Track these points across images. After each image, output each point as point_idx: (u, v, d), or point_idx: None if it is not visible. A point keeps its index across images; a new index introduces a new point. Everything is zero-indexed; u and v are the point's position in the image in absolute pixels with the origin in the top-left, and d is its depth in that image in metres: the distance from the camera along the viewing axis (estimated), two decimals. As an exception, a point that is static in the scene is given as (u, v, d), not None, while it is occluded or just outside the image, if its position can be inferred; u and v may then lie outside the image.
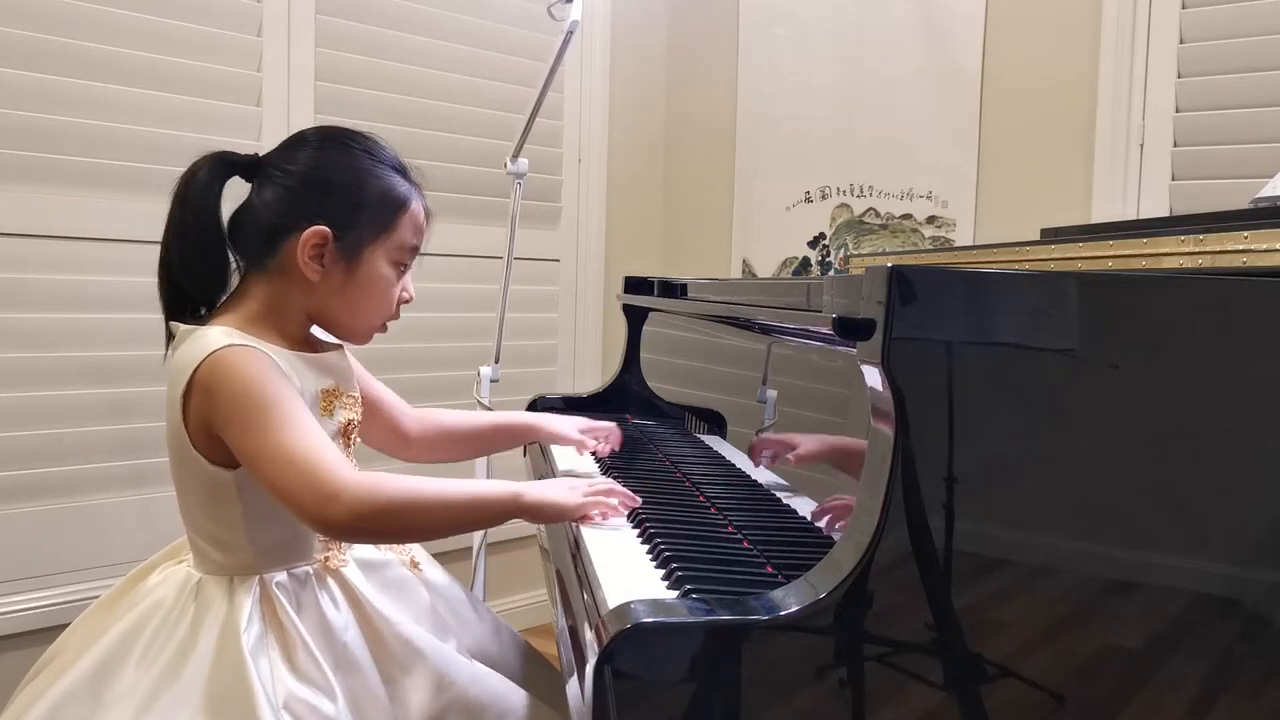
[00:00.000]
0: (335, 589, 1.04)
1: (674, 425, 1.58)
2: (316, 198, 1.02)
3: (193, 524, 1.02)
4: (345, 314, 1.07)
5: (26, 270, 1.71)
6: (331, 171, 1.04)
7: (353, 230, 1.03)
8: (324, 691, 0.95)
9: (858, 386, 0.74)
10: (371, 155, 1.06)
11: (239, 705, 0.91)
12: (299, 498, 0.91)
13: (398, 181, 1.06)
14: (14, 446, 1.71)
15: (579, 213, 2.61)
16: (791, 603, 0.67)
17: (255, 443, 0.93)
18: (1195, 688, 0.75)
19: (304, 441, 0.93)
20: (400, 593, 1.10)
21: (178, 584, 1.00)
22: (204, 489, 0.99)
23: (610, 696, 0.64)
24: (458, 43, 2.29)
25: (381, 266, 1.06)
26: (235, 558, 1.00)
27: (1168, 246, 0.91)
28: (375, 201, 1.04)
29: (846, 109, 2.43)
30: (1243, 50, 1.84)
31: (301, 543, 1.03)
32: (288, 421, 0.93)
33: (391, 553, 1.14)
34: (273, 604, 0.98)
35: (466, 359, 2.17)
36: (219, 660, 0.94)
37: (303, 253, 1.01)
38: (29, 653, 1.64)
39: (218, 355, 0.95)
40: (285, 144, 1.07)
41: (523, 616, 2.42)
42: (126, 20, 1.79)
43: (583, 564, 0.89)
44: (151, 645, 0.96)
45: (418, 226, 1.08)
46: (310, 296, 1.04)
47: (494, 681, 1.09)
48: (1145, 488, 0.75)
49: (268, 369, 0.96)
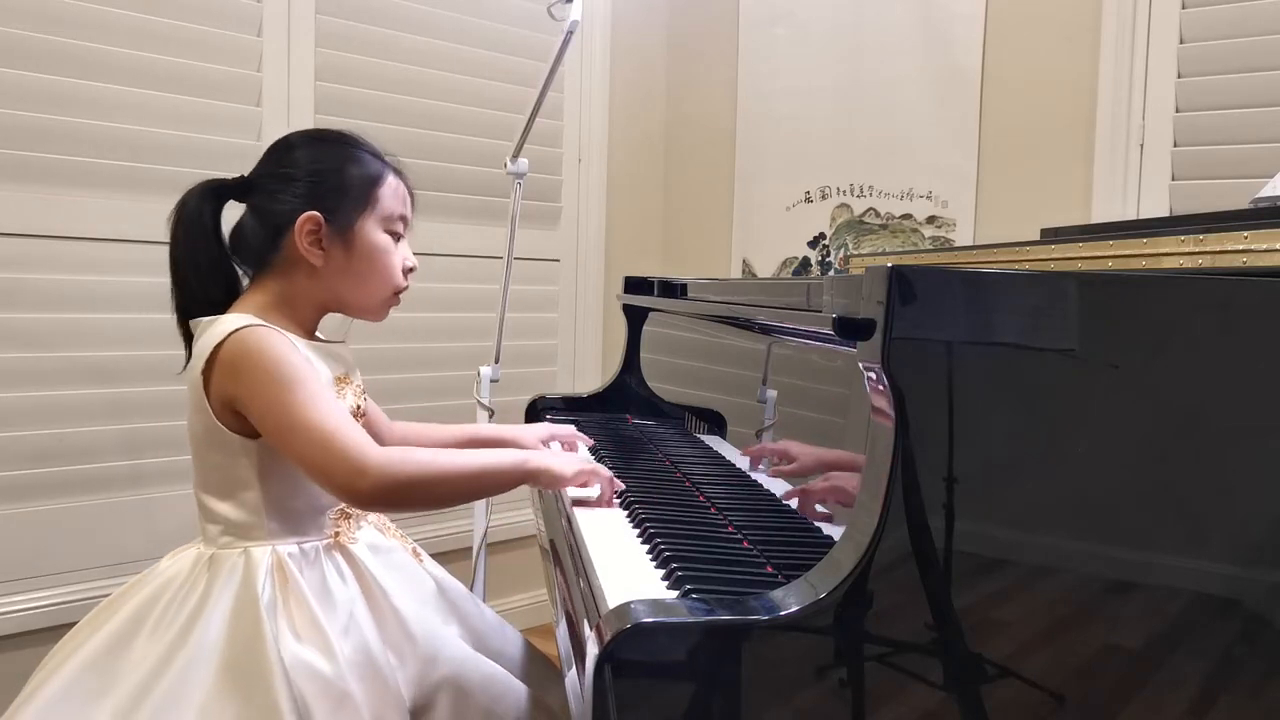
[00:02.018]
0: (342, 562, 1.08)
1: (674, 425, 1.58)
2: (304, 190, 1.09)
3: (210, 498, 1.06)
4: (355, 290, 1.13)
5: (26, 270, 1.71)
6: (313, 164, 1.10)
7: (341, 210, 1.10)
8: (323, 653, 0.98)
9: (858, 386, 0.74)
10: (345, 143, 1.14)
11: (255, 665, 0.95)
12: (329, 472, 0.97)
13: (371, 160, 1.13)
14: (14, 446, 1.71)
15: (579, 213, 2.61)
16: (791, 603, 0.67)
17: (284, 419, 0.98)
18: (1195, 688, 0.75)
19: (331, 418, 0.99)
20: (404, 575, 1.14)
21: (189, 561, 1.05)
22: (224, 462, 1.04)
23: (610, 696, 0.64)
24: (458, 43, 2.29)
25: (376, 236, 1.12)
26: (250, 530, 1.04)
27: (1168, 246, 0.91)
28: (356, 181, 1.11)
29: (846, 109, 2.43)
30: (1243, 50, 1.84)
31: (315, 516, 1.08)
32: (313, 399, 0.99)
33: (395, 540, 1.18)
34: (284, 571, 1.03)
35: (466, 359, 2.17)
36: (235, 622, 0.98)
37: (301, 240, 1.07)
38: (29, 653, 1.65)
39: (239, 334, 1.01)
40: (267, 155, 1.14)
41: (523, 616, 2.42)
42: (126, 20, 1.80)
43: (582, 564, 0.89)
44: (164, 617, 1.00)
45: (400, 196, 1.15)
46: (319, 283, 1.11)
47: (488, 668, 1.11)
48: (1145, 488, 0.75)
49: (288, 348, 1.02)
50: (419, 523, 2.19)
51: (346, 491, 0.99)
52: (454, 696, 1.06)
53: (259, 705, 0.93)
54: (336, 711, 0.96)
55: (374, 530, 1.16)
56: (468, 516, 1.98)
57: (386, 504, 1.05)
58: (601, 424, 1.62)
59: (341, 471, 0.97)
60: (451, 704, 1.05)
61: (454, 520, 2.27)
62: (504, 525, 2.33)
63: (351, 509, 1.12)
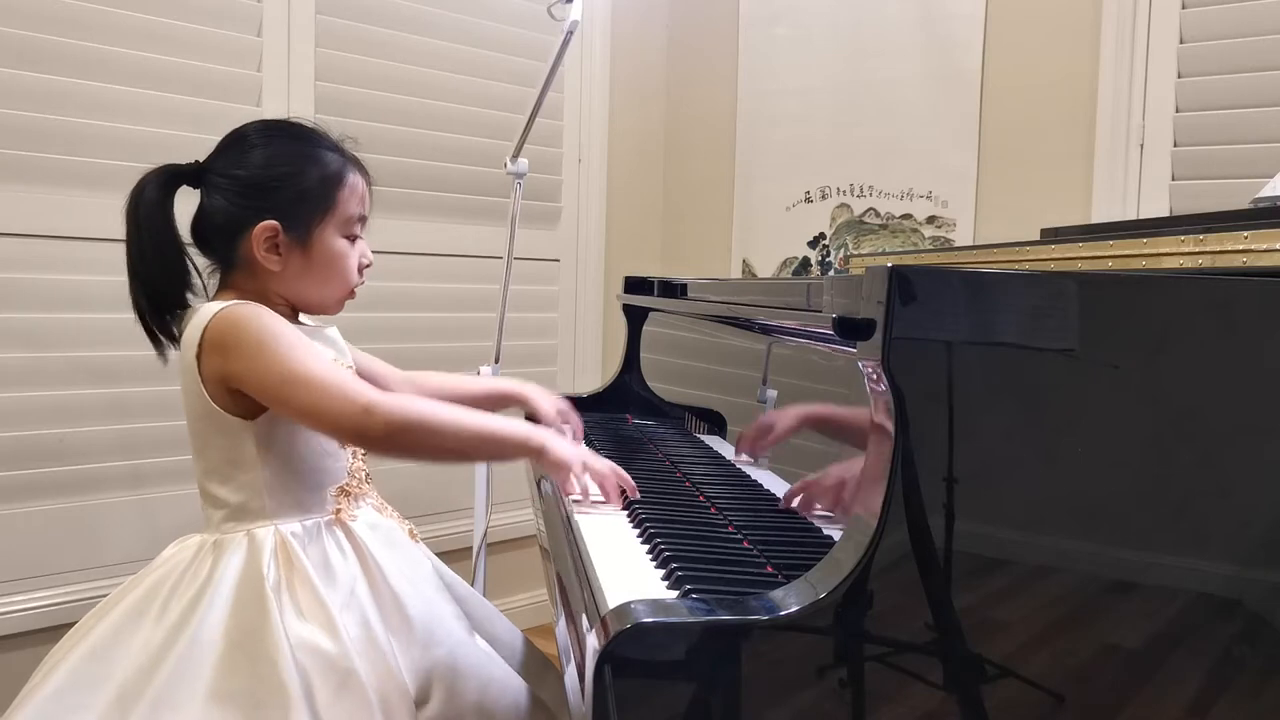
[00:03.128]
0: (343, 538, 1.09)
1: (674, 425, 1.58)
2: (260, 195, 1.08)
3: (212, 484, 1.07)
4: (313, 292, 1.14)
5: (26, 270, 1.71)
6: (269, 167, 1.10)
7: (298, 217, 1.09)
8: (326, 630, 0.99)
9: (857, 386, 0.74)
10: (305, 140, 1.13)
11: (262, 645, 0.95)
12: (336, 414, 0.99)
13: (331, 159, 1.12)
14: (14, 446, 1.71)
15: (579, 213, 2.61)
16: (791, 602, 0.67)
17: (282, 374, 1.00)
18: (1195, 688, 0.75)
19: (327, 366, 1.02)
20: (401, 553, 1.14)
21: (194, 547, 1.06)
22: (225, 445, 1.05)
23: (610, 696, 0.64)
24: (458, 43, 2.29)
25: (334, 242, 1.12)
26: (253, 511, 1.05)
27: (1168, 246, 0.91)
28: (314, 185, 1.10)
29: (846, 109, 2.43)
30: (1243, 50, 1.84)
31: (316, 493, 1.09)
32: (307, 353, 1.02)
33: (392, 519, 1.18)
34: (288, 551, 1.03)
35: (466, 359, 2.16)
36: (241, 603, 0.98)
37: (258, 248, 1.08)
38: (29, 653, 1.65)
39: (223, 313, 1.03)
40: (224, 144, 1.12)
41: (523, 616, 2.42)
42: (126, 20, 1.79)
43: (583, 564, 0.89)
44: (169, 600, 1.01)
45: (359, 196, 1.15)
46: (279, 283, 1.11)
47: (483, 653, 1.12)
48: (1145, 488, 0.75)
49: (272, 315, 1.04)
50: (420, 521, 2.19)
51: (356, 432, 1.00)
52: (450, 680, 1.06)
53: (267, 685, 0.94)
54: (341, 689, 0.97)
55: (372, 510, 1.16)
56: (468, 516, 1.98)
57: (395, 446, 1.04)
58: (601, 424, 1.62)
59: (349, 413, 0.98)
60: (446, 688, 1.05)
61: (454, 520, 2.27)
62: (504, 525, 2.33)
63: (351, 486, 1.13)
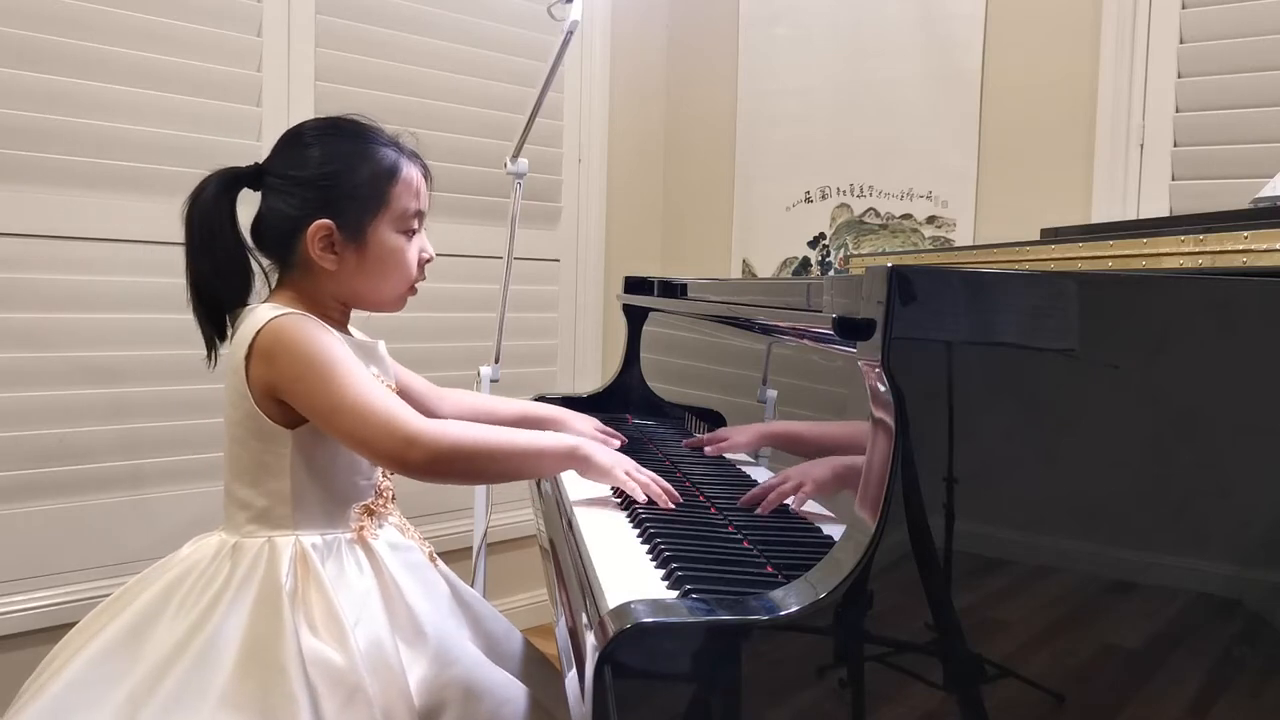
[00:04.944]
0: (362, 556, 1.09)
1: (674, 425, 1.58)
2: (313, 194, 1.08)
3: (239, 485, 1.07)
4: (371, 290, 1.14)
5: (26, 270, 1.71)
6: (324, 165, 1.09)
7: (352, 214, 1.09)
8: (338, 643, 0.99)
9: (857, 386, 0.74)
10: (358, 137, 1.12)
11: (275, 655, 0.95)
12: (380, 444, 1.00)
13: (386, 154, 1.12)
14: (14, 446, 1.71)
15: (579, 213, 2.61)
16: (792, 602, 0.67)
17: (330, 399, 1.00)
18: (1195, 688, 0.75)
19: (376, 393, 1.02)
20: (420, 576, 1.14)
21: (213, 548, 1.06)
22: (260, 449, 1.05)
23: (610, 696, 0.64)
24: (458, 43, 2.29)
25: (390, 238, 1.12)
26: (276, 519, 1.05)
27: (1168, 246, 0.91)
28: (367, 181, 1.10)
29: (846, 109, 2.43)
30: (1243, 50, 1.84)
31: (341, 510, 1.10)
32: (355, 377, 1.02)
33: (413, 540, 1.18)
34: (306, 562, 1.03)
35: (466, 359, 2.16)
36: (258, 611, 0.98)
37: (313, 247, 1.08)
38: (29, 653, 1.65)
39: (273, 324, 1.03)
40: (281, 144, 1.13)
41: (523, 616, 2.42)
42: (126, 20, 1.80)
43: (583, 564, 0.89)
44: (186, 602, 1.01)
45: (414, 191, 1.14)
46: (336, 283, 1.11)
47: (497, 674, 1.11)
48: (1145, 488, 0.75)
49: (322, 332, 1.04)
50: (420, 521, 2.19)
51: (399, 462, 1.01)
52: (463, 700, 1.05)
53: (277, 694, 0.94)
54: (348, 704, 0.97)
55: (394, 530, 1.16)
56: (468, 516, 1.98)
57: (438, 474, 1.05)
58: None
59: (392, 444, 0.99)
60: (460, 708, 1.05)
61: (454, 520, 2.27)
62: (504, 525, 2.33)
63: (376, 505, 1.13)
